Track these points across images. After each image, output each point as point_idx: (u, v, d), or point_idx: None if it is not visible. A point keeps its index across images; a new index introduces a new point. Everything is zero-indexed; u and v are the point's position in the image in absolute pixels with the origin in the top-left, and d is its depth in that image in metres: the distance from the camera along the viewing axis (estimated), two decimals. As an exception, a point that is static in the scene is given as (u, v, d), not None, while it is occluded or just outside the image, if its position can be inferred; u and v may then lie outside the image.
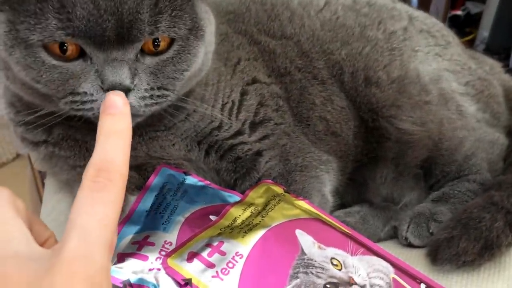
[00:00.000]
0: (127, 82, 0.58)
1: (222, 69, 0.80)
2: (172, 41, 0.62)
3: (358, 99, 0.88)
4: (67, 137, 0.72)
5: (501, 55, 1.83)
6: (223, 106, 0.78)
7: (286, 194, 0.75)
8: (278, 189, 0.75)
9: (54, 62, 0.59)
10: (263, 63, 0.85)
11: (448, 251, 0.75)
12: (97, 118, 0.60)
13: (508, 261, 0.77)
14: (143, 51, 0.61)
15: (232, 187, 0.79)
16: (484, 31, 1.92)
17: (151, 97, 0.62)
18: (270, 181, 0.77)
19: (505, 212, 0.79)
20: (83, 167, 0.73)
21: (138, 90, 0.60)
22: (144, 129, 0.73)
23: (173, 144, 0.76)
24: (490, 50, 1.87)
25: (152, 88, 0.62)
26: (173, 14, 0.60)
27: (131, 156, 0.74)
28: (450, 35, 1.02)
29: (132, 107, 0.59)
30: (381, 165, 0.91)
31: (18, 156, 2.08)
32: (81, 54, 0.59)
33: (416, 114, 0.87)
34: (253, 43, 0.87)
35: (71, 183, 0.77)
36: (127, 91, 0.59)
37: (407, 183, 0.93)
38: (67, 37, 0.57)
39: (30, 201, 1.43)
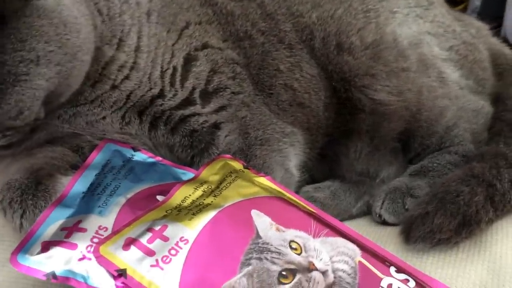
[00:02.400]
0: None
1: (163, 34, 0.73)
2: None
3: (329, 67, 0.83)
4: None
5: (493, 25, 1.80)
6: (162, 73, 0.72)
7: (246, 170, 0.68)
8: (237, 165, 0.69)
9: None
10: (219, 27, 0.79)
11: (422, 228, 0.69)
12: None
13: (490, 240, 0.72)
14: None
15: (189, 165, 0.73)
16: (476, 1, 1.89)
17: (4, 136, 0.60)
18: (229, 156, 0.70)
19: (486, 185, 0.73)
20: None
21: None
22: (60, 109, 0.67)
23: (103, 118, 0.70)
24: (482, 19, 1.83)
25: (0, 131, 0.60)
26: None
27: (55, 136, 0.68)
28: None
29: None
30: (354, 139, 0.85)
31: None
32: None
33: (393, 82, 0.82)
34: (207, 4, 0.80)
35: (2, 170, 0.71)
36: None
37: (384, 157, 0.88)
38: None
39: None
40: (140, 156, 0.70)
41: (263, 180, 0.67)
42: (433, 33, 0.89)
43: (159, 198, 0.64)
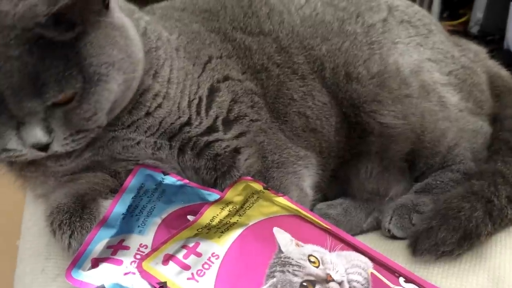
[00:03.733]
0: (43, 140, 0.64)
1: (189, 67, 0.80)
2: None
3: (340, 95, 0.88)
4: (27, 163, 0.74)
5: (495, 36, 1.82)
6: (190, 103, 0.78)
7: (266, 191, 0.75)
8: (258, 186, 0.75)
9: None
10: (238, 60, 0.85)
11: (427, 242, 0.75)
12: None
13: (489, 252, 0.78)
14: (53, 104, 0.63)
15: (213, 186, 0.79)
16: (478, 13, 1.91)
17: (73, 140, 0.66)
18: (250, 178, 0.77)
19: (485, 202, 0.79)
20: (54, 180, 0.75)
21: (58, 140, 0.65)
22: (102, 131, 0.72)
23: (138, 143, 0.76)
24: (484, 32, 1.87)
25: (71, 134, 0.66)
26: (59, 78, 0.61)
27: (95, 162, 0.75)
28: (432, 23, 1.01)
29: (60, 151, 0.66)
30: (364, 160, 0.91)
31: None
32: None
33: (397, 108, 0.87)
34: (227, 40, 0.86)
35: (47, 195, 0.77)
36: (48, 144, 0.64)
37: (393, 176, 0.93)
38: None
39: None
40: (170, 179, 0.75)
41: (282, 200, 0.73)
42: (433, 59, 0.93)
43: (190, 218, 0.71)
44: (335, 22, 0.90)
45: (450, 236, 0.75)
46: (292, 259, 0.64)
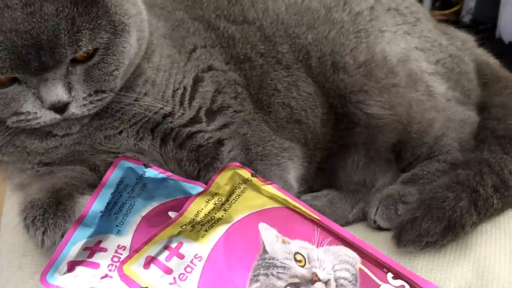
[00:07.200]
0: (64, 98, 0.63)
1: (176, 56, 0.79)
2: (97, 48, 0.64)
3: (326, 85, 0.87)
4: (6, 143, 0.72)
5: (488, 25, 1.83)
6: (174, 92, 0.77)
7: (253, 178, 0.72)
8: (245, 173, 0.72)
9: None
10: (222, 50, 0.83)
11: (411, 232, 0.73)
12: (42, 126, 0.66)
13: (474, 242, 0.77)
14: (73, 60, 0.63)
15: (196, 179, 0.77)
16: (470, 2, 1.92)
17: (91, 102, 0.66)
18: (238, 164, 0.74)
19: (470, 191, 0.78)
20: (32, 169, 0.72)
21: (77, 100, 0.65)
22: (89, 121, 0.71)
23: (120, 132, 0.74)
24: (477, 21, 1.87)
25: (90, 95, 0.65)
26: (91, 26, 0.62)
27: (76, 151, 0.73)
28: (420, 11, 1.00)
29: (76, 114, 0.66)
30: (351, 152, 0.90)
31: None
32: (15, 79, 0.62)
33: (384, 98, 0.86)
34: (210, 29, 0.84)
35: (24, 186, 0.75)
36: (67, 104, 0.64)
37: (380, 167, 0.92)
38: None
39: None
40: (151, 172, 0.73)
41: (270, 188, 0.71)
42: (421, 48, 0.93)
43: (171, 214, 0.69)
44: (322, 10, 0.88)
45: (434, 226, 0.73)
46: (277, 259, 0.62)
